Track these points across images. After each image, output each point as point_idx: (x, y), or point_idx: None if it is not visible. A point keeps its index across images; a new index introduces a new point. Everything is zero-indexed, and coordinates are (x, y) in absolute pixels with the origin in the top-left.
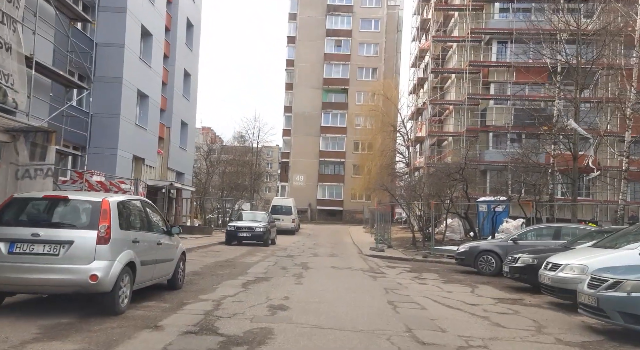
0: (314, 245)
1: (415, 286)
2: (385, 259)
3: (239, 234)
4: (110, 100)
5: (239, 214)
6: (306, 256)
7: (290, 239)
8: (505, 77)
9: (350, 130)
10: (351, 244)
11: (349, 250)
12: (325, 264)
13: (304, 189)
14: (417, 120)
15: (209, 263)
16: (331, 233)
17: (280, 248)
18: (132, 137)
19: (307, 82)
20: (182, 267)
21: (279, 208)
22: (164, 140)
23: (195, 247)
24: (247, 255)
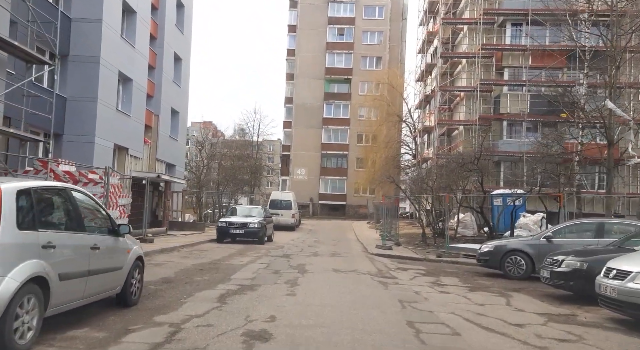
0: (315, 243)
1: (436, 296)
2: (395, 259)
3: (231, 231)
4: (86, 82)
5: (232, 208)
6: (305, 256)
7: (290, 236)
8: (520, 62)
9: (354, 122)
10: (355, 241)
11: (353, 249)
12: (326, 266)
13: (306, 182)
14: (424, 109)
15: (188, 266)
16: (334, 229)
17: (277, 246)
18: (112, 123)
19: (308, 72)
20: (137, 277)
21: (278, 202)
22: (152, 129)
23: (179, 246)
24: (236, 255)
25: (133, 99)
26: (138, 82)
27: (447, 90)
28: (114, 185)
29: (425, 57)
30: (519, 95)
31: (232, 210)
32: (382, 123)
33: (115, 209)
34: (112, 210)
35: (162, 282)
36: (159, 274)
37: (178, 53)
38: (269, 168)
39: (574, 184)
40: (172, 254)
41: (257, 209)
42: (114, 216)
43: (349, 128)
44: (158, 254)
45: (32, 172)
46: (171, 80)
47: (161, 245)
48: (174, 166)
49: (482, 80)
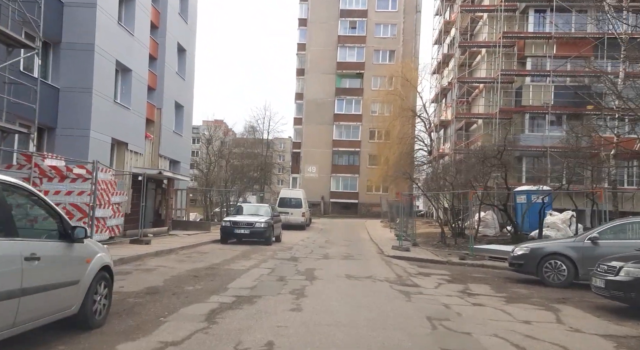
0: (326, 244)
1: (469, 311)
2: (414, 262)
3: (235, 231)
4: (80, 72)
5: (238, 207)
6: (314, 259)
7: (299, 236)
8: (544, 51)
9: (366, 118)
10: (369, 241)
11: (367, 250)
12: (338, 271)
13: (317, 180)
14: (441, 103)
15: (182, 272)
16: (346, 228)
17: (285, 247)
18: (110, 116)
19: (319, 67)
20: (102, 291)
21: (287, 201)
22: (154, 123)
23: (178, 248)
24: (239, 258)
25: (133, 90)
26: (138, 72)
27: (466, 82)
28: (105, 182)
29: (442, 48)
30: (542, 87)
31: (237, 208)
32: (395, 118)
33: (107, 207)
34: (104, 209)
35: (145, 293)
36: (144, 283)
37: (182, 43)
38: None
39: (607, 179)
40: (168, 257)
41: (264, 208)
42: (106, 215)
43: (361, 124)
44: (151, 258)
45: (16, 167)
46: (174, 72)
47: (158, 247)
48: (179, 163)
49: (503, 70)
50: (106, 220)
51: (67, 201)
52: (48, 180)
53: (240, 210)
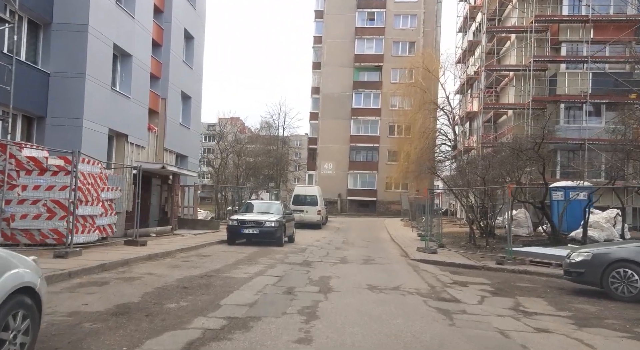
0: (343, 245)
1: (535, 341)
2: (445, 267)
3: (243, 231)
4: (72, 55)
5: (247, 204)
6: (330, 263)
7: (314, 235)
8: (580, 35)
9: (385, 112)
10: (390, 241)
11: (389, 252)
12: (359, 281)
13: (334, 177)
14: (466, 94)
15: (170, 282)
16: (364, 227)
17: (298, 249)
18: (107, 105)
19: (336, 60)
20: (15, 326)
21: (302, 198)
22: (159, 114)
23: (176, 250)
24: (243, 262)
25: (134, 78)
26: (139, 58)
27: (495, 69)
28: (93, 175)
29: (467, 35)
30: (579, 74)
31: (247, 206)
32: (416, 111)
33: (96, 204)
34: (91, 206)
35: (111, 315)
36: (117, 298)
37: (189, 30)
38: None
39: None
40: (161, 261)
41: (276, 205)
42: (95, 213)
43: (379, 119)
44: (141, 263)
45: None
46: (181, 60)
47: (153, 249)
48: (186, 158)
49: (535, 57)
50: (95, 218)
51: (47, 197)
52: (26, 173)
53: (249, 207)
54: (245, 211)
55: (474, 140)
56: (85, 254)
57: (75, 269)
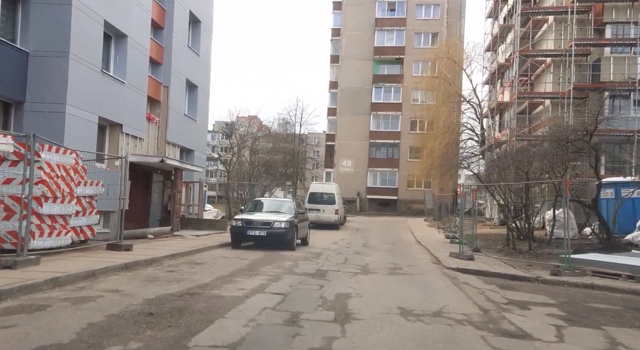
0: (364, 248)
1: None
2: (489, 279)
3: (248, 232)
4: (53, 31)
5: (255, 202)
6: (349, 274)
7: (332, 237)
8: (628, 15)
9: (406, 107)
10: (415, 244)
11: (418, 258)
12: (387, 302)
13: (352, 175)
14: (496, 84)
15: (134, 306)
16: (385, 227)
17: (312, 253)
18: (96, 90)
19: (355, 53)
20: None
21: (318, 196)
22: (161, 104)
23: (164, 257)
24: (242, 273)
25: (129, 61)
26: (136, 40)
27: (530, 55)
28: (63, 167)
29: (497, 21)
30: (625, 58)
31: (254, 204)
32: (441, 105)
33: (69, 201)
34: (60, 204)
35: None
36: (40, 336)
37: (195, 13)
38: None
39: None
40: (139, 272)
41: (287, 204)
42: (67, 212)
43: (400, 114)
44: (112, 275)
45: None
46: (186, 45)
47: (136, 255)
48: (192, 152)
49: (576, 40)
50: (68, 218)
51: (4, 192)
52: None
53: (257, 206)
54: (252, 210)
55: (505, 133)
56: (45, 262)
57: (12, 286)
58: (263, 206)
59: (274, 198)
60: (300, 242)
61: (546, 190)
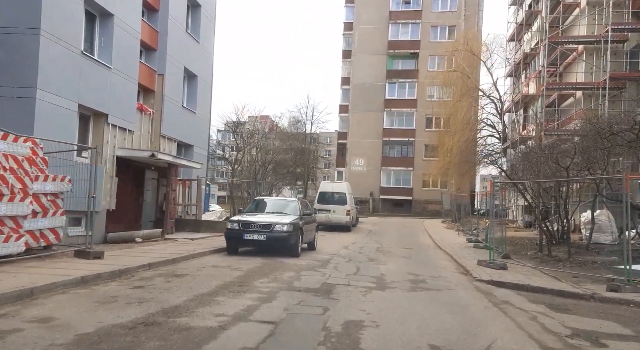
0: (378, 254)
1: None
2: (534, 295)
3: (245, 236)
4: (23, 5)
5: (256, 201)
6: (361, 291)
7: (342, 240)
8: None
9: (421, 103)
10: (435, 248)
11: (441, 266)
12: (412, 334)
13: (365, 174)
14: (519, 76)
15: (58, 345)
16: (400, 229)
17: (318, 261)
18: (75, 74)
19: (368, 48)
20: None
21: (329, 196)
22: (155, 94)
23: (140, 267)
24: (228, 290)
25: (117, 44)
26: (125, 21)
27: (559, 42)
28: (14, 158)
29: (522, 8)
30: None
31: (255, 204)
32: (459, 100)
33: (21, 199)
34: (11, 202)
35: None
36: None
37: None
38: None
39: None
40: (97, 289)
41: (292, 204)
42: (18, 213)
43: (415, 110)
44: (59, 294)
45: None
46: (184, 31)
47: (103, 266)
48: (191, 147)
49: (612, 24)
50: (21, 220)
51: None
52: None
53: (258, 206)
54: (252, 211)
55: (531, 128)
56: None
57: None
58: (265, 206)
59: (277, 197)
60: (307, 247)
61: (580, 189)
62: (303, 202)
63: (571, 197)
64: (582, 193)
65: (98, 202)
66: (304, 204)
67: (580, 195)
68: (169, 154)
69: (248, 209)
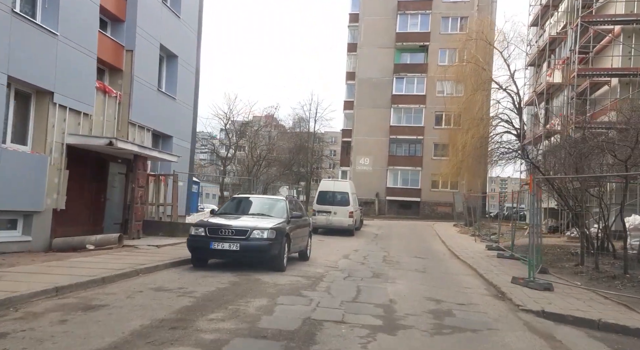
0: (384, 267)
1: None
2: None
3: (213, 246)
4: None
5: (233, 200)
6: (359, 337)
7: (343, 246)
8: None
9: (431, 99)
10: (451, 257)
11: (466, 285)
12: None
13: (370, 174)
14: (542, 65)
15: None
16: (409, 233)
17: (307, 278)
18: (2, 38)
19: (374, 40)
20: None
21: (329, 196)
22: (123, 73)
23: (34, 295)
24: (151, 336)
25: (64, 5)
26: None
27: (595, 22)
28: None
29: None
30: None
31: (232, 203)
32: (472, 93)
33: None
34: None
35: None
36: None
37: None
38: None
39: None
40: None
41: (278, 204)
42: None
43: (424, 107)
44: None
45: None
46: (160, 1)
47: None
48: (170, 138)
49: None
50: None
51: None
52: None
53: (237, 206)
54: (228, 212)
55: (556, 122)
56: None
57: None
58: (244, 207)
59: (261, 195)
60: (298, 256)
61: (612, 190)
62: (293, 201)
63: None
64: (616, 193)
65: (40, 200)
66: (295, 204)
67: (614, 197)
68: (133, 143)
69: (223, 209)
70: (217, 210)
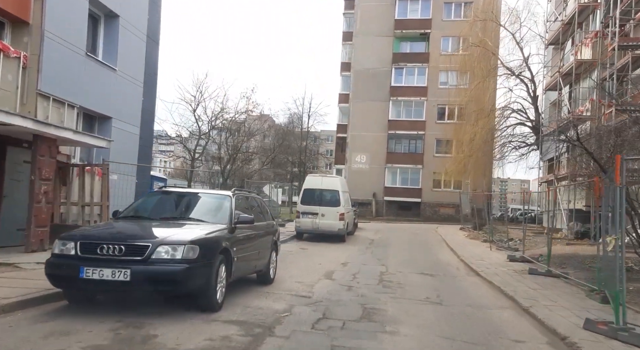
0: (381, 291)
1: None
2: None
3: (84, 274)
4: None
5: (151, 196)
6: None
7: (329, 258)
8: None
9: (433, 91)
10: (469, 273)
11: (512, 333)
12: None
13: (367, 173)
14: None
15: None
16: (411, 239)
17: (251, 327)
18: None
19: (372, 28)
20: None
21: (316, 194)
22: (30, 27)
23: None
24: None
25: None
26: None
27: None
28: None
29: None
30: None
31: (154, 200)
32: (482, 80)
33: None
34: None
35: None
36: None
37: None
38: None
39: None
40: None
41: (220, 203)
42: None
43: (426, 100)
44: None
45: None
46: None
47: None
48: (108, 120)
49: None
50: None
51: None
52: None
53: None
54: (137, 213)
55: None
56: None
57: None
58: (164, 206)
59: (195, 190)
60: (257, 278)
61: None
62: (245, 199)
63: None
64: None
65: None
66: (248, 203)
67: None
68: (25, 116)
69: (130, 209)
70: (120, 211)
